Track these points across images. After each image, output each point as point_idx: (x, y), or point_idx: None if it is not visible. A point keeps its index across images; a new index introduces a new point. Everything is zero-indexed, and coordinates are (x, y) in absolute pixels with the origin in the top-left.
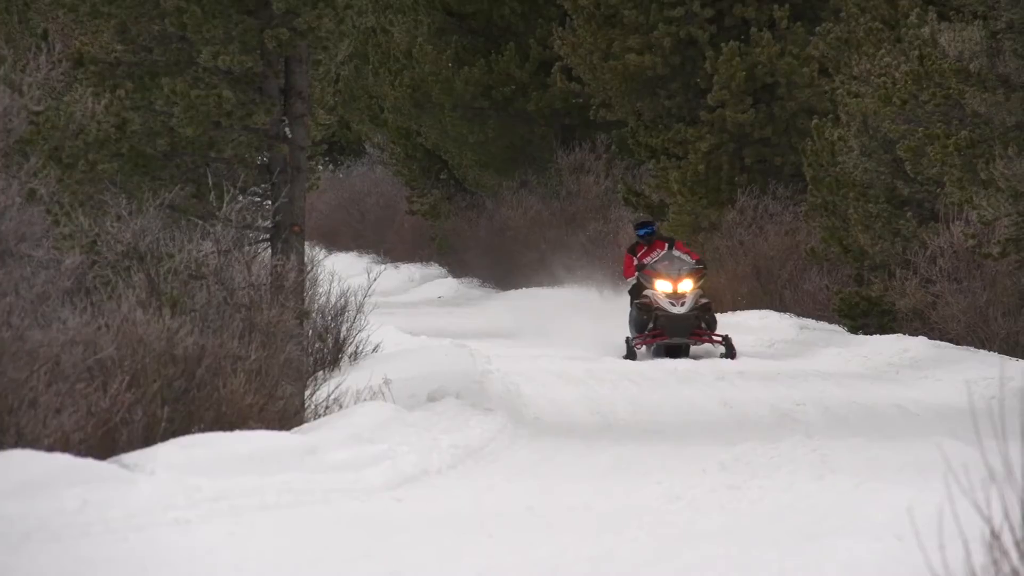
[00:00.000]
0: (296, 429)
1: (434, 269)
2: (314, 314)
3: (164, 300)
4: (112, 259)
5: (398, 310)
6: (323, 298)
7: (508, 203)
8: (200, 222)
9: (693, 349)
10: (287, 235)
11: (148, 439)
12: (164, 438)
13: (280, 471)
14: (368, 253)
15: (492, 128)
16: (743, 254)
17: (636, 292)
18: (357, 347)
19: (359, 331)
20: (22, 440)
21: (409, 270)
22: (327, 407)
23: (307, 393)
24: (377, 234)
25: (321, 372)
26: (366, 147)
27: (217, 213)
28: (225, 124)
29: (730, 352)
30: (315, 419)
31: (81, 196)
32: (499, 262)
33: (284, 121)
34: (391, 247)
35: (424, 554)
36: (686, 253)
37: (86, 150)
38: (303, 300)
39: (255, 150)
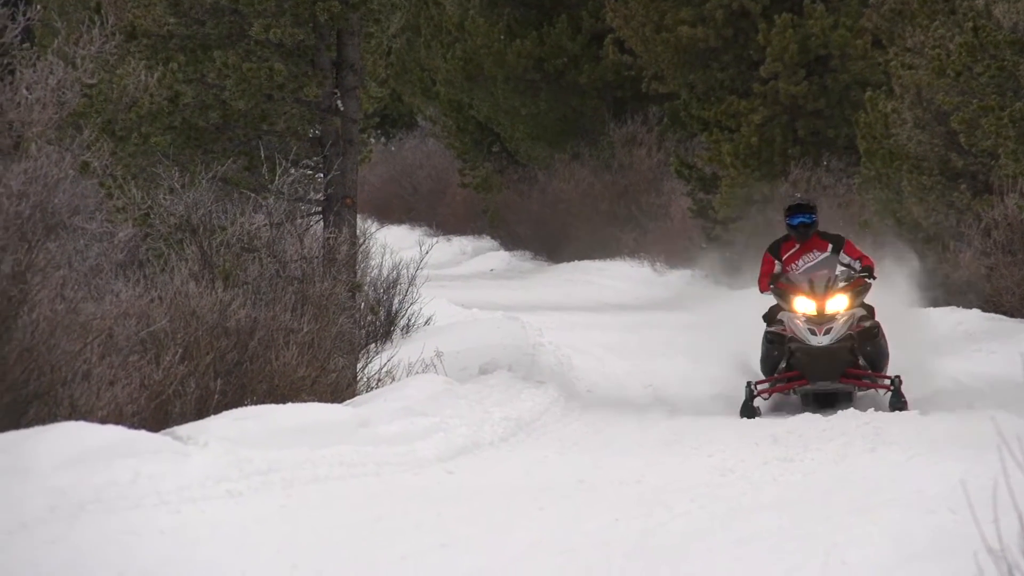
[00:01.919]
0: (348, 402)
1: (486, 242)
2: (366, 287)
3: (217, 273)
4: (165, 232)
5: (450, 283)
6: (375, 271)
7: (560, 176)
8: (252, 195)
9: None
10: (339, 208)
11: (201, 411)
12: (216, 410)
13: (332, 443)
14: (420, 226)
15: (544, 101)
16: None
17: (772, 315)
18: (409, 320)
19: (411, 304)
20: (76, 412)
21: (461, 243)
22: (379, 380)
23: (359, 366)
24: (429, 207)
25: (373, 345)
26: (418, 120)
27: (269, 186)
28: (277, 97)
29: (898, 402)
30: (367, 392)
31: (134, 169)
32: (551, 235)
33: (336, 94)
34: (443, 220)
35: (475, 526)
36: (858, 259)
37: (139, 123)
38: (355, 273)
39: (307, 123)
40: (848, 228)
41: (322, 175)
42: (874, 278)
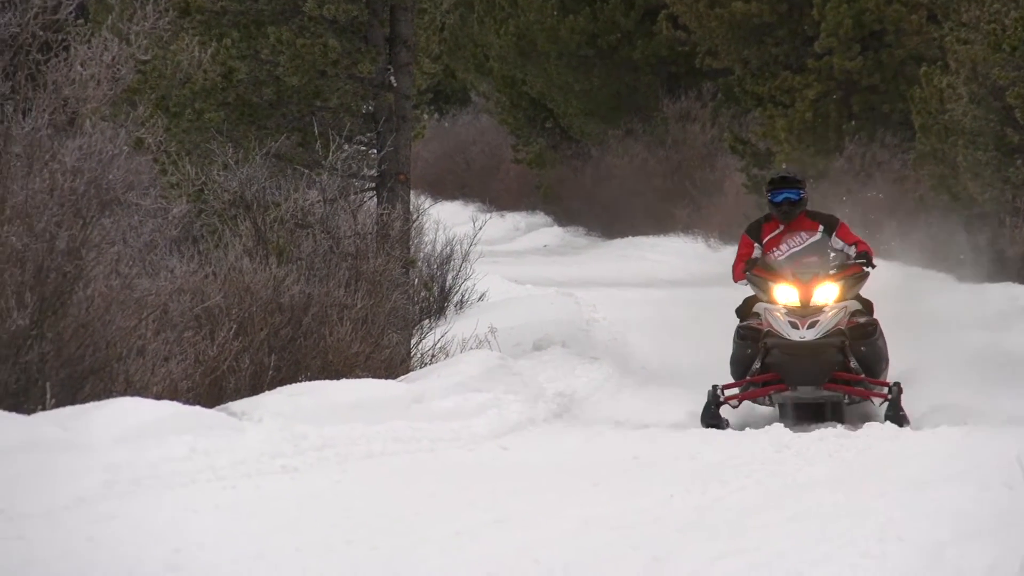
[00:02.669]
0: (402, 378)
1: (539, 218)
2: (420, 263)
3: (270, 249)
4: (219, 208)
5: (503, 259)
6: (428, 247)
7: (613, 151)
8: (306, 171)
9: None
10: (392, 184)
11: (255, 387)
12: (271, 386)
13: (386, 419)
14: (473, 202)
15: (597, 76)
16: (851, 203)
17: (747, 309)
18: (463, 296)
19: (464, 280)
20: (131, 388)
21: (514, 219)
22: (433, 356)
23: (413, 342)
24: (482, 183)
25: (427, 321)
26: (471, 96)
27: (323, 162)
28: (330, 73)
29: (895, 414)
30: (421, 368)
31: (188, 145)
32: (604, 211)
33: (389, 70)
34: (496, 196)
35: (529, 502)
36: (852, 244)
37: (193, 99)
38: (409, 249)
39: (360, 99)
40: (903, 203)
41: (375, 151)
42: (872, 266)
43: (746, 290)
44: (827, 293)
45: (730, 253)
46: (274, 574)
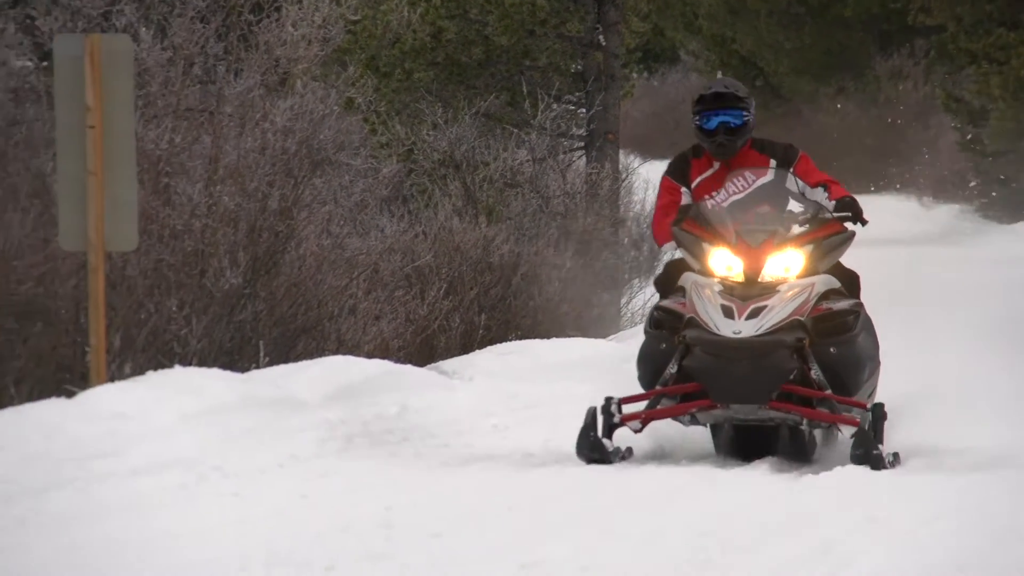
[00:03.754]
0: (611, 337)
1: None
2: (629, 222)
3: (480, 208)
4: (428, 167)
5: None
6: (638, 206)
7: (825, 110)
8: (515, 130)
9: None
10: (601, 143)
11: (465, 346)
12: (481, 345)
13: (596, 378)
14: None
15: (808, 34)
16: None
17: (669, 280)
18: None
19: None
20: (343, 346)
21: None
22: (643, 315)
23: (623, 301)
24: (691, 142)
25: (636, 280)
26: (680, 54)
27: (532, 121)
28: (539, 32)
29: (865, 451)
30: (631, 327)
31: (397, 105)
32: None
33: (598, 29)
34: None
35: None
36: (820, 185)
37: (402, 59)
38: (618, 208)
39: (569, 58)
40: None
41: (584, 110)
42: (863, 221)
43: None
44: (786, 263)
45: (943, 212)
46: (482, 532)
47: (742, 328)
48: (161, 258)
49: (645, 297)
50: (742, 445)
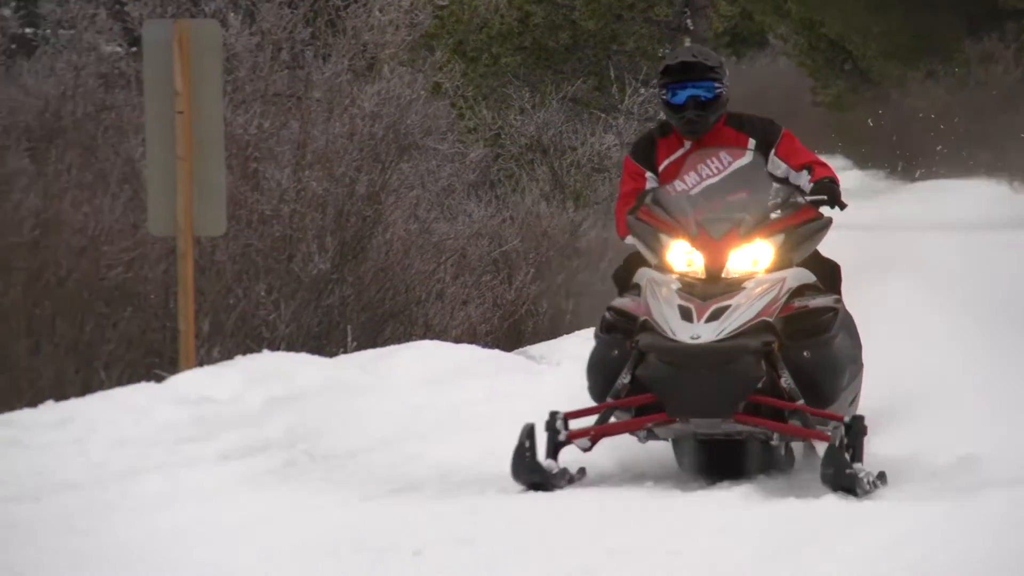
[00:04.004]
0: None
1: (838, 160)
2: None
3: (567, 193)
4: (516, 152)
5: None
6: None
7: (914, 94)
8: (602, 115)
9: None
10: None
11: (553, 331)
12: (568, 330)
13: None
14: None
15: (897, 18)
16: None
17: (627, 276)
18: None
19: None
20: (430, 331)
21: None
22: None
23: None
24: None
25: None
26: (769, 38)
27: (619, 106)
28: (627, 16)
29: (836, 470)
30: None
31: (485, 89)
32: (905, 153)
33: (686, 13)
34: None
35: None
36: (804, 168)
37: (489, 44)
38: None
39: (657, 42)
40: None
41: None
42: (842, 205)
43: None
44: (753, 257)
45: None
46: (572, 509)
47: (701, 332)
48: (249, 243)
49: None
50: (709, 462)
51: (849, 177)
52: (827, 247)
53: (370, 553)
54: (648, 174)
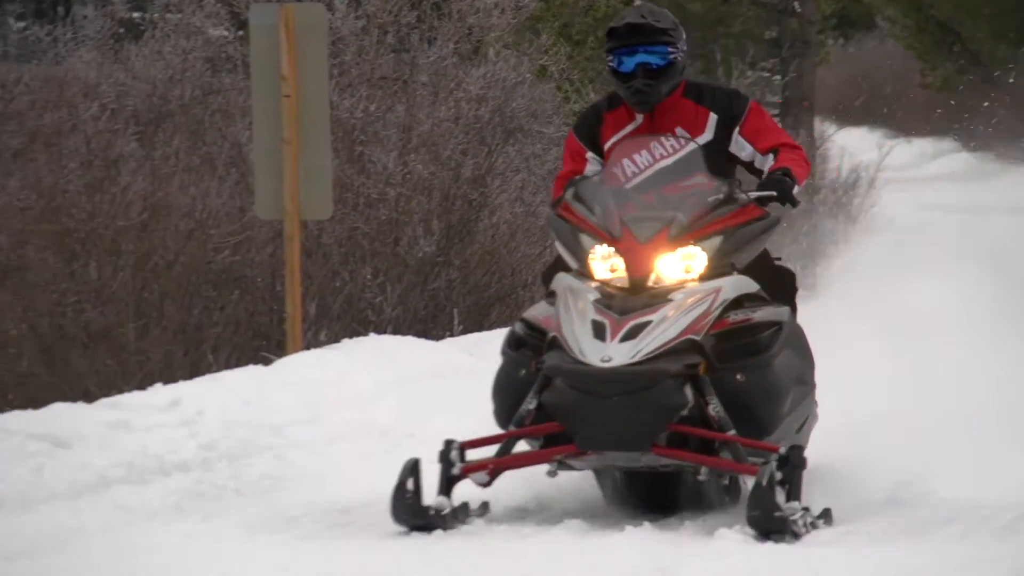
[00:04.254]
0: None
1: (947, 143)
2: (824, 190)
3: None
4: None
5: (910, 185)
6: (833, 173)
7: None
8: None
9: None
10: (797, 110)
11: None
12: None
13: None
14: (879, 128)
15: None
16: None
17: (552, 279)
18: (868, 222)
19: (871, 206)
20: None
21: (921, 145)
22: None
23: (818, 270)
24: (888, 109)
25: (831, 248)
26: (876, 20)
27: None
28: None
29: (763, 512)
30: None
31: (590, 73)
32: (1015, 136)
33: None
34: (903, 122)
35: None
36: (770, 151)
37: (595, 26)
38: (813, 176)
39: (764, 25)
40: None
41: (779, 77)
42: (793, 203)
43: None
44: (684, 263)
45: None
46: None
47: (613, 354)
48: (356, 226)
49: (842, 265)
50: (635, 494)
51: (959, 160)
52: (934, 229)
53: None
54: (589, 154)
